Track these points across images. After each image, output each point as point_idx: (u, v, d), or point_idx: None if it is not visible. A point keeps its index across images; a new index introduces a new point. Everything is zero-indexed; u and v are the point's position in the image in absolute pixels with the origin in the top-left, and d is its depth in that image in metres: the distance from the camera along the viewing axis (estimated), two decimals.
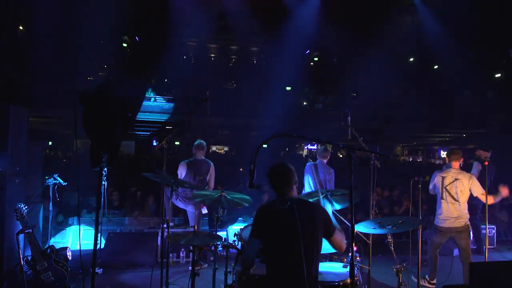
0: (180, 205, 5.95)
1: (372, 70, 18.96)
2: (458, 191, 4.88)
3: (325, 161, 5.92)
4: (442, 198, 4.98)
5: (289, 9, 16.92)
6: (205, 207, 5.96)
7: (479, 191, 4.88)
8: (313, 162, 5.92)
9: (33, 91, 15.87)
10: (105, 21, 15.59)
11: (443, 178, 4.98)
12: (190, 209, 5.94)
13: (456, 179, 4.91)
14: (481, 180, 5.02)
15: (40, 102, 15.66)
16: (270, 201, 2.80)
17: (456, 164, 5.03)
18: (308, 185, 5.87)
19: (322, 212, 2.69)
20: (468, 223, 4.94)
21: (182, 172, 5.81)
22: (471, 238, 6.29)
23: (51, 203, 5.44)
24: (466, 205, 4.92)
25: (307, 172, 5.87)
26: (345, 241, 2.75)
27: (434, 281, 5.18)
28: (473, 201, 5.91)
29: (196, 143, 5.95)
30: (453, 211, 4.88)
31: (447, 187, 4.93)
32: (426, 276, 5.22)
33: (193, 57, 27.47)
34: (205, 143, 6.01)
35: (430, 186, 5.19)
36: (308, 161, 6.10)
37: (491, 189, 5.29)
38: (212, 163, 5.96)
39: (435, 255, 5.12)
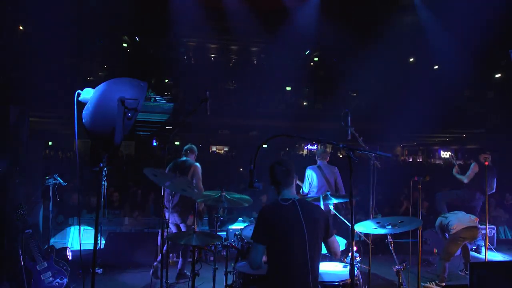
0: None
1: (372, 70, 18.94)
2: None
3: (326, 162, 5.77)
4: None
5: (289, 9, 16.90)
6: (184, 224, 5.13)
7: None
8: (316, 165, 5.69)
9: (33, 91, 15.84)
10: (105, 21, 15.59)
11: None
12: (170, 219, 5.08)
13: None
14: (481, 180, 5.09)
15: (40, 102, 15.63)
16: (272, 202, 2.77)
17: None
18: (314, 187, 5.58)
19: (323, 213, 2.72)
20: None
21: None
22: None
23: (51, 203, 5.43)
24: None
25: (311, 175, 5.62)
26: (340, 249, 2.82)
27: (443, 284, 5.00)
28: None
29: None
30: None
31: None
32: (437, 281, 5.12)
33: (193, 57, 27.46)
34: (193, 147, 5.45)
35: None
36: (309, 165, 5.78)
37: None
38: (196, 164, 5.21)
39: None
